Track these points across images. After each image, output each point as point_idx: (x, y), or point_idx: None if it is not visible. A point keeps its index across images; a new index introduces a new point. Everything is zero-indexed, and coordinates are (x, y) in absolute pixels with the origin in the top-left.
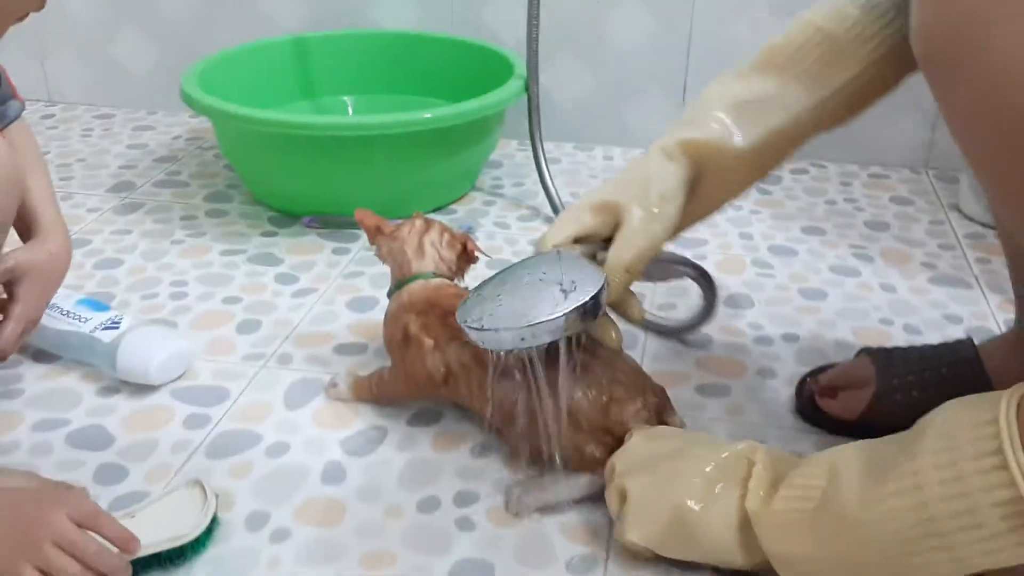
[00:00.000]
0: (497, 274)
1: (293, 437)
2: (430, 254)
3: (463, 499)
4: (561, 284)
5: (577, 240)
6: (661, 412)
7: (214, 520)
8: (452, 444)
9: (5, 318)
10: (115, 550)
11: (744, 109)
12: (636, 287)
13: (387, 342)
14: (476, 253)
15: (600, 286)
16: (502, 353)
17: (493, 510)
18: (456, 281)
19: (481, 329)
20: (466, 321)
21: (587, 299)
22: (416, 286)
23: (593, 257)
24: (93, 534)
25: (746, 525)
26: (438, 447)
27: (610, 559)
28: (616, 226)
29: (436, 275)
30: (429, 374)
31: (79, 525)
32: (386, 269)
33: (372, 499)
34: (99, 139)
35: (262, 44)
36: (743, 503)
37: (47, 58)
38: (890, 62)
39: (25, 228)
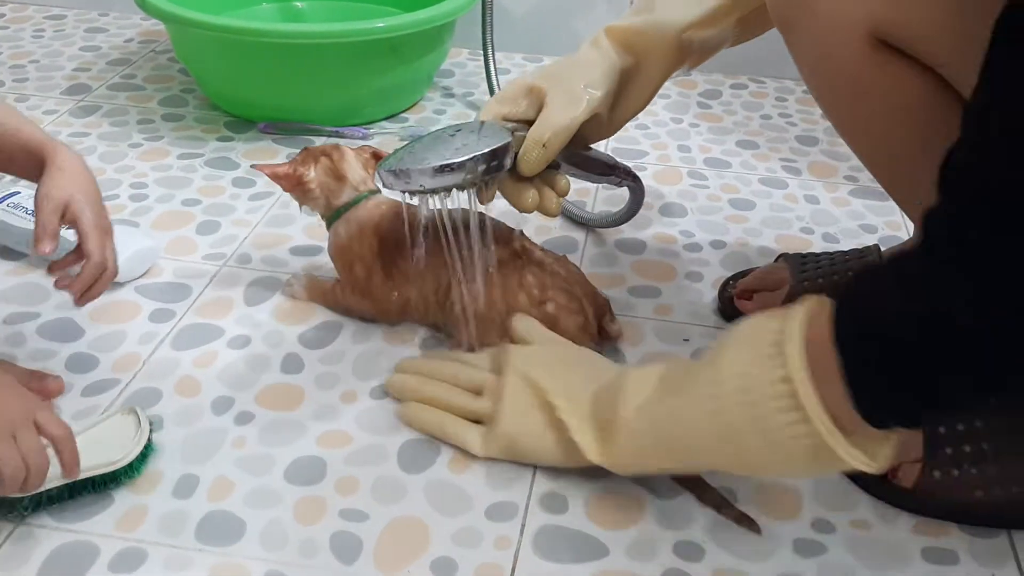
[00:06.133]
0: (425, 135)
1: (254, 331)
2: (358, 174)
3: None
4: (471, 142)
5: (507, 120)
6: (601, 318)
7: (148, 446)
8: (402, 338)
9: (82, 233)
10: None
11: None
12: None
13: (344, 275)
14: None
15: (503, 143)
16: (419, 205)
17: None
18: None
19: (392, 171)
20: (382, 167)
21: (486, 150)
22: (364, 210)
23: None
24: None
25: (569, 444)
26: (389, 340)
27: None
28: (540, 109)
29: (371, 193)
30: (391, 305)
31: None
32: None
33: (328, 386)
34: (51, 40)
35: None
36: (563, 435)
37: None
38: None
39: (31, 164)
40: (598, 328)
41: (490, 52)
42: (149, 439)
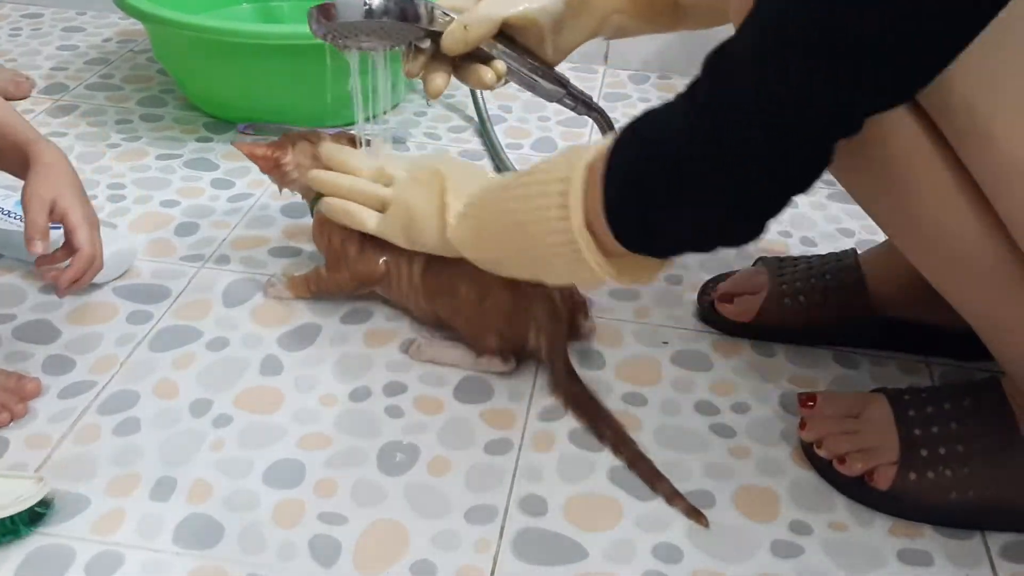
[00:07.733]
0: None
1: (232, 333)
2: None
3: (392, 389)
4: None
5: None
6: (575, 315)
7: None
8: (382, 340)
9: (72, 228)
10: None
11: None
12: None
13: (323, 249)
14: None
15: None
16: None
17: (419, 399)
18: None
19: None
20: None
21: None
22: None
23: None
24: None
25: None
26: (369, 343)
27: (524, 443)
28: None
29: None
30: (369, 271)
31: None
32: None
33: (307, 389)
34: (28, 39)
35: None
36: (443, 219)
37: None
38: None
39: (17, 159)
40: (571, 324)
41: None
42: (26, 515)
